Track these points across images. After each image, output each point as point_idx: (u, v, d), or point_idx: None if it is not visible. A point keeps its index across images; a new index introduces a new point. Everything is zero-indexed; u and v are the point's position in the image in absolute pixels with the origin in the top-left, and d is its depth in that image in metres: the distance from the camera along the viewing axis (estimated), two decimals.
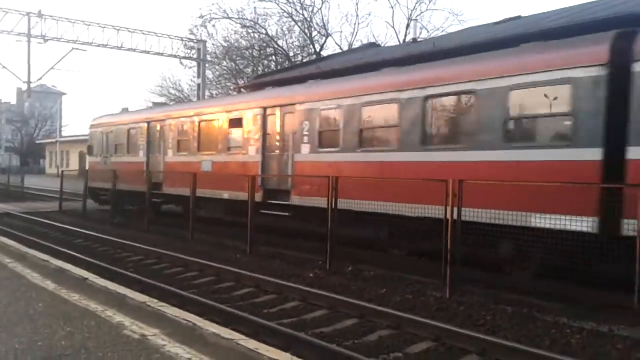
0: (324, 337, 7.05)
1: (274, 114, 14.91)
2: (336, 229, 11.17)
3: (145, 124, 20.58)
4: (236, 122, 16.15)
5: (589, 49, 8.87)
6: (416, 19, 36.80)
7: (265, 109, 15.19)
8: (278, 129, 14.71)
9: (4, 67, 35.53)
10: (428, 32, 37.76)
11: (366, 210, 11.45)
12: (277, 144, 14.73)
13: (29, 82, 34.50)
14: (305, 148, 13.69)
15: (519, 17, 20.32)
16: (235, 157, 16.11)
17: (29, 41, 31.85)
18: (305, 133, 13.65)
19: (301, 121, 13.79)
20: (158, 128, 19.91)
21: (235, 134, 16.21)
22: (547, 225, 8.69)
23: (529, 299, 8.53)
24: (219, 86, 41.62)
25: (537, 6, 76.79)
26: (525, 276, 9.43)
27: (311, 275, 10.67)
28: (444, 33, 35.21)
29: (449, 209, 9.06)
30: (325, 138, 13.24)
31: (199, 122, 17.70)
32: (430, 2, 40.04)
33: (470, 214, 9.21)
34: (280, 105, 14.75)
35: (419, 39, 28.78)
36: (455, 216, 8.98)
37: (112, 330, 5.71)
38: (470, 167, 9.94)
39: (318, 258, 11.54)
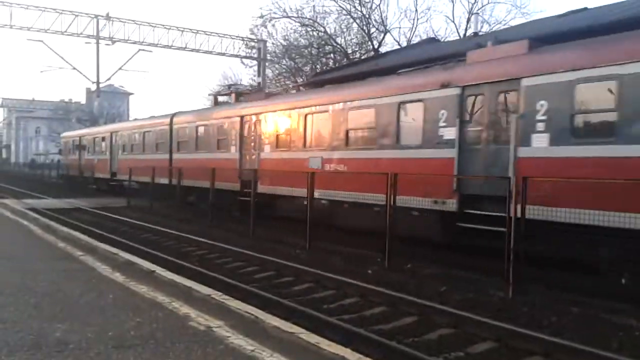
0: (383, 334, 7.06)
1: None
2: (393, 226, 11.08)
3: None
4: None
5: None
6: (477, 13, 35.97)
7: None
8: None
9: (74, 68, 37.15)
10: (490, 25, 36.86)
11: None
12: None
13: (98, 83, 35.92)
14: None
15: (585, 9, 19.56)
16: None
17: (97, 43, 33.21)
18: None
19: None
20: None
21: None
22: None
23: (595, 300, 8.25)
24: (278, 85, 42.09)
25: None
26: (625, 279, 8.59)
27: (370, 271, 10.68)
28: (506, 27, 34.31)
29: (513, 206, 8.86)
30: None
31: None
32: None
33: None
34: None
35: (480, 33, 28.15)
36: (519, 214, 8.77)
37: (179, 322, 5.91)
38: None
39: (377, 255, 11.54)
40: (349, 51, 40.12)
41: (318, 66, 39.67)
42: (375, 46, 39.25)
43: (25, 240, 12.12)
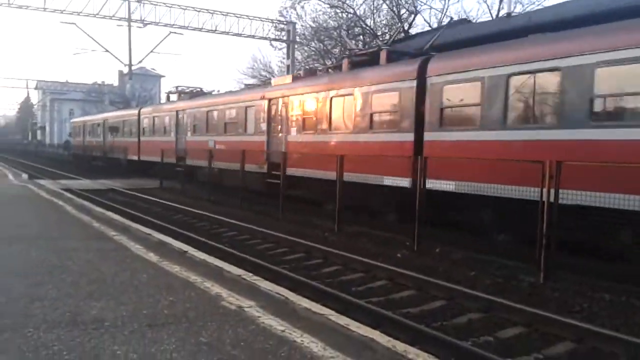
0: (412, 317, 7.09)
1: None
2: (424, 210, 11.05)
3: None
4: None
5: None
6: None
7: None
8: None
9: (106, 50, 37.63)
10: (523, 6, 35.98)
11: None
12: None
13: (130, 65, 36.35)
14: None
15: None
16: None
17: (129, 26, 33.57)
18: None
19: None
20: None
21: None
22: None
23: (627, 287, 8.11)
24: (307, 67, 41.95)
25: None
26: None
27: (398, 255, 10.69)
28: (539, 7, 33.48)
29: (545, 191, 8.75)
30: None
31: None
32: None
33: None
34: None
35: (513, 14, 27.53)
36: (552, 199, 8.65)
37: (211, 301, 6.01)
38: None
39: (405, 238, 11.53)
40: (379, 33, 39.69)
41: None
42: (406, 27, 38.74)
43: (61, 219, 12.42)
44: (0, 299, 5.80)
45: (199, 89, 28.99)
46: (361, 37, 40.19)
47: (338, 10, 39.20)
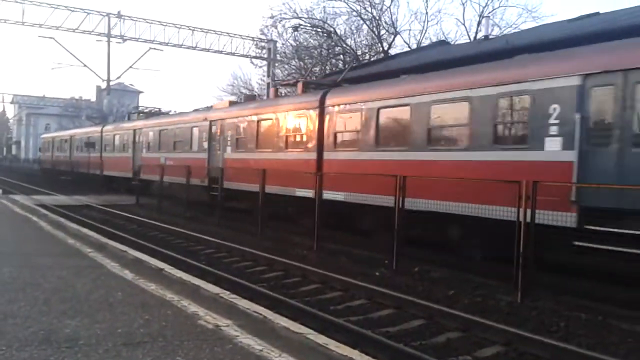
0: (391, 336, 7.05)
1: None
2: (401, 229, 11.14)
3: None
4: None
5: None
6: (488, 16, 35.94)
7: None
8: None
9: (84, 65, 37.37)
10: (500, 29, 36.82)
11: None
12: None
13: (108, 81, 36.20)
14: None
15: (597, 13, 19.48)
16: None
17: (108, 41, 33.51)
18: None
19: None
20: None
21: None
22: None
23: (604, 306, 8.19)
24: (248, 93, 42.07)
25: (617, 3, 72.85)
26: None
27: (377, 274, 10.68)
28: (517, 30, 34.20)
29: (521, 210, 8.87)
30: None
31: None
32: None
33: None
34: None
35: (490, 37, 28.08)
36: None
37: (188, 320, 5.93)
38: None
39: (384, 257, 11.53)
40: (359, 52, 40.13)
41: (327, 67, 39.70)
42: (385, 48, 39.25)
43: (35, 236, 12.19)
44: None
45: (157, 109, 31.37)
46: (341, 56, 40.60)
47: (319, 30, 39.60)
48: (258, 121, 17.72)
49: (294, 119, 16.20)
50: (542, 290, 8.85)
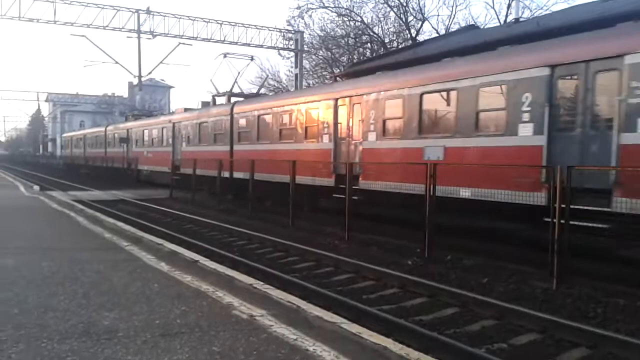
0: (424, 324, 7.04)
1: None
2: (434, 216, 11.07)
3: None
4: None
5: None
6: None
7: None
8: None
9: (116, 62, 37.93)
10: (531, 11, 35.97)
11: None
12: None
13: (140, 77, 36.62)
14: None
15: None
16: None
17: (139, 37, 33.84)
18: None
19: None
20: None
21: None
22: None
23: None
24: (315, 75, 42.07)
25: None
26: None
27: (409, 262, 10.64)
28: (548, 12, 33.40)
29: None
30: None
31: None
32: None
33: None
34: None
35: (521, 19, 27.48)
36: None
37: (223, 311, 6.01)
38: None
39: (415, 245, 11.48)
40: (387, 40, 39.77)
41: (355, 56, 39.47)
42: (413, 35, 38.81)
43: (72, 231, 12.49)
44: (14, 309, 5.83)
45: (146, 111, 40.93)
46: (369, 44, 40.30)
47: (346, 19, 39.37)
48: (199, 124, 25.46)
49: (217, 122, 23.70)
50: (578, 277, 8.70)
